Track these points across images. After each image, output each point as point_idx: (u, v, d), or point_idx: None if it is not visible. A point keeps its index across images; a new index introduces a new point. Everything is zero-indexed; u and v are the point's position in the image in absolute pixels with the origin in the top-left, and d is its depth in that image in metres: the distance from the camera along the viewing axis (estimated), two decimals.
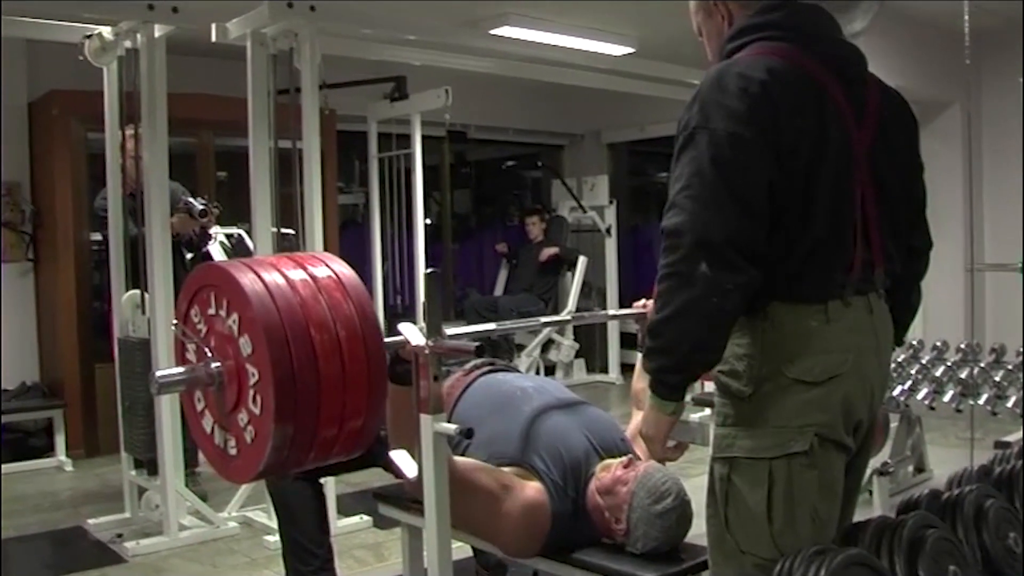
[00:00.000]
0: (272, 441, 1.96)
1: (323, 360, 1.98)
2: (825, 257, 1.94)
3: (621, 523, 2.60)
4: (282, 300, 1.98)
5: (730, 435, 2.00)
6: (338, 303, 2.06)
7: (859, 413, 2.02)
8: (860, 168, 1.99)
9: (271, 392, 1.93)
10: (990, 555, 1.94)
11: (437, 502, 2.25)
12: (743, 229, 1.84)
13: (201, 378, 2.11)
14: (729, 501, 2.00)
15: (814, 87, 1.95)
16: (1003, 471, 2.27)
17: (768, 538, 1.94)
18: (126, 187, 4.77)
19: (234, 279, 2.01)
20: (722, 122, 1.86)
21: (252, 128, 4.37)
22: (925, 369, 4.72)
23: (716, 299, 1.83)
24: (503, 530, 2.64)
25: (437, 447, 2.23)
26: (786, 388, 1.92)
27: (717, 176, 1.84)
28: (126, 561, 4.28)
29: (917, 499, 2.12)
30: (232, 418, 2.06)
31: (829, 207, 1.92)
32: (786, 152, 1.88)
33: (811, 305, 1.94)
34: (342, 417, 2.05)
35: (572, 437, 2.78)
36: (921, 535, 1.79)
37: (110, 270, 4.88)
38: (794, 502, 1.93)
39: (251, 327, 1.98)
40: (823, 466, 1.95)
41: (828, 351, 1.94)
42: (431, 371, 2.19)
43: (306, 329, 1.98)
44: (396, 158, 7.27)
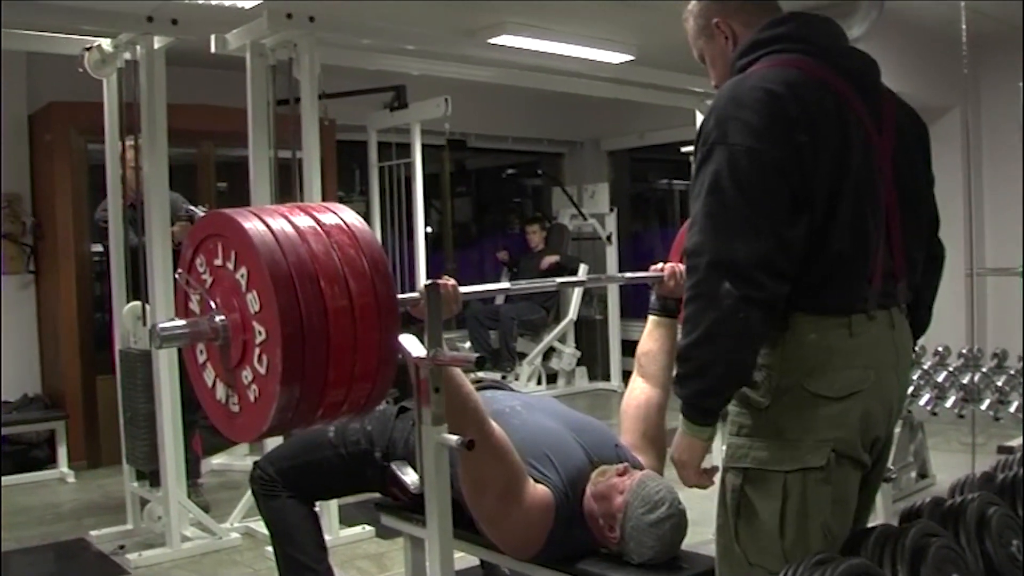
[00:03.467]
0: (277, 402, 1.90)
1: (333, 319, 1.92)
2: (848, 269, 1.92)
3: (615, 531, 2.59)
4: (293, 255, 1.91)
5: (745, 445, 1.98)
6: (351, 258, 1.99)
7: (877, 430, 2.01)
8: (884, 177, 1.97)
9: (278, 353, 1.87)
10: (993, 563, 1.94)
11: (439, 512, 2.25)
12: (763, 244, 1.81)
13: (205, 331, 2.05)
14: (741, 512, 1.99)
15: (833, 96, 1.92)
16: (1006, 478, 2.27)
17: (779, 552, 1.92)
18: (126, 198, 4.77)
19: (243, 229, 1.94)
20: (740, 136, 1.84)
21: (252, 138, 4.38)
22: (927, 375, 4.72)
23: (743, 315, 1.81)
24: (513, 513, 2.59)
25: (439, 458, 2.23)
26: (805, 401, 1.90)
27: (736, 192, 1.82)
28: (128, 573, 4.28)
29: (919, 507, 2.11)
30: (236, 374, 2.01)
31: (852, 218, 1.90)
32: (808, 164, 1.85)
33: (834, 318, 1.92)
34: (351, 381, 1.99)
35: (565, 444, 2.77)
36: (924, 543, 1.78)
37: (111, 281, 4.88)
38: (807, 517, 1.91)
39: (260, 283, 1.92)
40: (838, 482, 1.94)
41: (851, 367, 1.91)
42: (432, 383, 2.18)
43: (318, 288, 1.91)
44: (396, 167, 7.29)
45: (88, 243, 6.36)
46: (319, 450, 3.11)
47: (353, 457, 3.10)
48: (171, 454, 4.41)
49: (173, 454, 4.42)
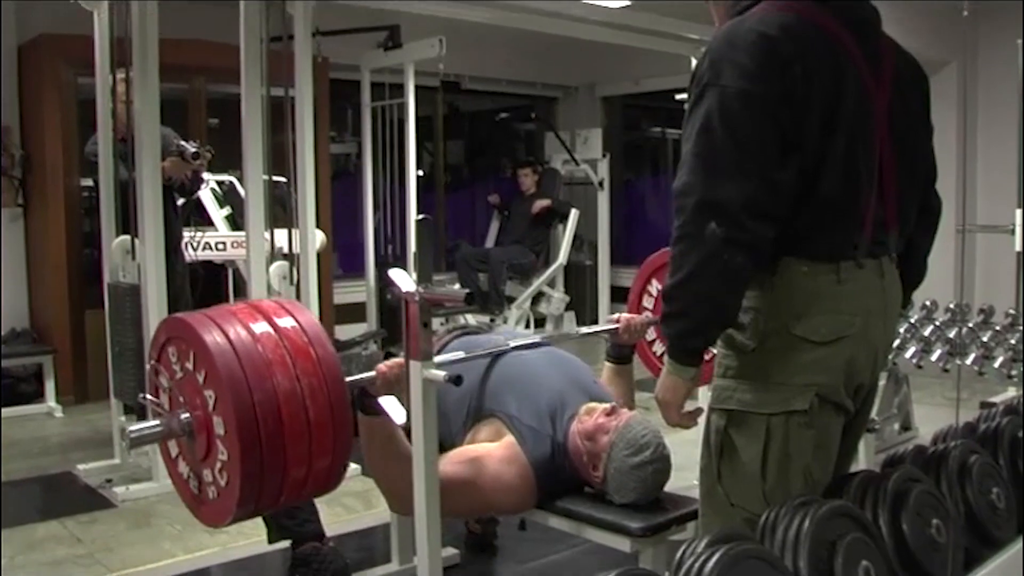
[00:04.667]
0: (241, 490, 1.98)
1: (286, 406, 1.99)
2: (839, 215, 1.91)
3: (599, 471, 2.62)
4: (243, 351, 1.99)
5: (730, 387, 1.99)
6: (299, 349, 2.07)
7: (861, 376, 2.02)
8: (879, 126, 1.97)
9: (236, 441, 1.95)
10: (973, 510, 1.96)
11: (425, 448, 2.26)
12: (751, 186, 1.81)
13: (174, 429, 2.12)
14: (723, 454, 2.00)
15: (829, 42, 1.91)
16: (988, 428, 2.29)
17: (759, 494, 1.94)
18: (117, 132, 4.73)
19: (199, 336, 2.01)
20: (732, 79, 1.82)
21: (244, 75, 4.34)
22: (914, 328, 4.75)
23: (727, 257, 1.80)
24: (490, 500, 2.66)
25: (426, 393, 2.24)
26: (791, 345, 1.91)
27: (725, 133, 1.81)
28: (115, 506, 4.31)
29: (902, 454, 2.13)
30: (203, 466, 2.08)
31: (843, 164, 1.89)
32: (800, 108, 1.84)
33: (823, 264, 1.92)
34: (309, 463, 2.07)
35: (546, 378, 2.80)
36: (905, 488, 1.80)
37: (100, 215, 4.86)
38: (789, 460, 1.93)
39: (215, 380, 1.99)
40: (821, 426, 1.95)
41: (837, 312, 1.92)
42: (421, 318, 2.19)
43: (268, 377, 1.99)
44: (389, 108, 7.24)
45: (78, 177, 6.33)
46: None
47: None
48: None
49: None
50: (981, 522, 1.96)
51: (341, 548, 3.37)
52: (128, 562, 3.68)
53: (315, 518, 3.22)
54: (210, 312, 2.11)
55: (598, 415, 2.66)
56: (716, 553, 1.45)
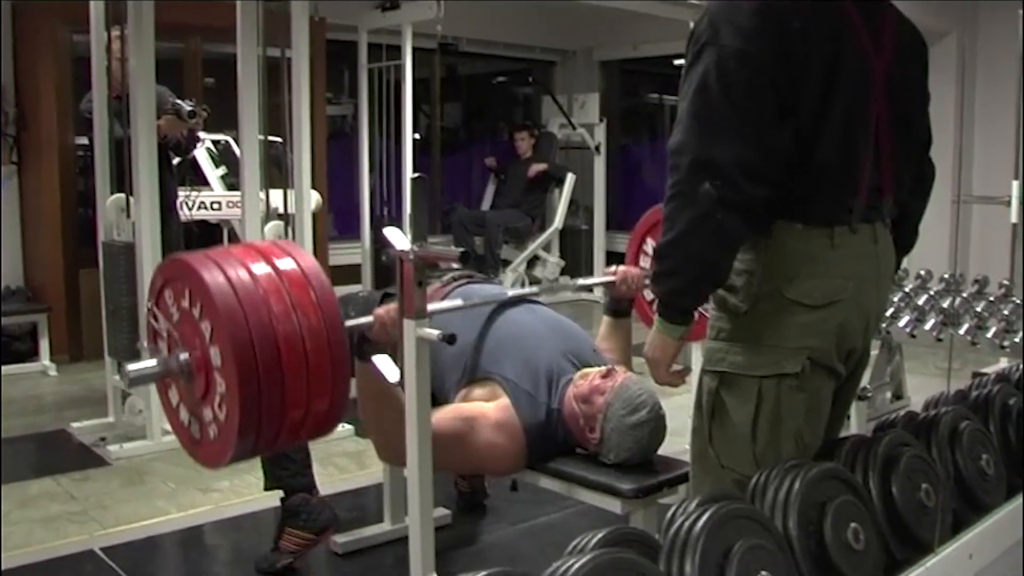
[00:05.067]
0: (239, 431, 1.97)
1: (285, 347, 1.98)
2: (834, 180, 1.92)
3: (595, 432, 2.63)
4: (242, 290, 1.97)
5: (723, 349, 1.99)
6: (299, 292, 2.05)
7: (853, 341, 2.03)
8: (878, 92, 1.96)
9: (235, 380, 1.94)
10: (963, 475, 1.97)
11: (418, 407, 2.27)
12: (746, 147, 1.81)
13: (171, 369, 2.10)
14: (715, 416, 2.01)
15: (829, 7, 1.91)
16: (979, 395, 2.30)
17: (750, 456, 1.95)
18: (112, 90, 4.71)
19: (196, 272, 2.00)
20: (730, 38, 1.82)
21: (240, 35, 4.31)
22: (908, 297, 4.74)
23: (720, 216, 1.80)
24: (481, 460, 2.68)
25: (420, 352, 2.24)
26: (784, 308, 1.92)
27: (721, 93, 1.81)
28: (109, 464, 4.32)
29: (893, 420, 2.15)
30: (202, 406, 2.08)
31: (841, 129, 1.89)
32: (798, 71, 1.84)
33: (817, 228, 1.92)
34: (308, 403, 2.05)
35: (544, 343, 2.81)
36: (896, 453, 1.81)
37: (95, 173, 4.84)
38: (780, 423, 1.93)
39: (213, 314, 1.98)
40: (812, 390, 1.96)
41: (830, 276, 1.93)
42: (415, 276, 2.19)
43: (268, 318, 1.98)
44: (386, 69, 7.21)
45: (72, 135, 6.28)
46: None
47: None
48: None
49: None
50: (970, 487, 1.98)
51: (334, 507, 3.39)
52: (122, 519, 3.70)
53: (308, 472, 3.24)
54: (207, 252, 2.11)
55: (593, 377, 2.68)
56: (706, 512, 1.46)
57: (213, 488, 4.02)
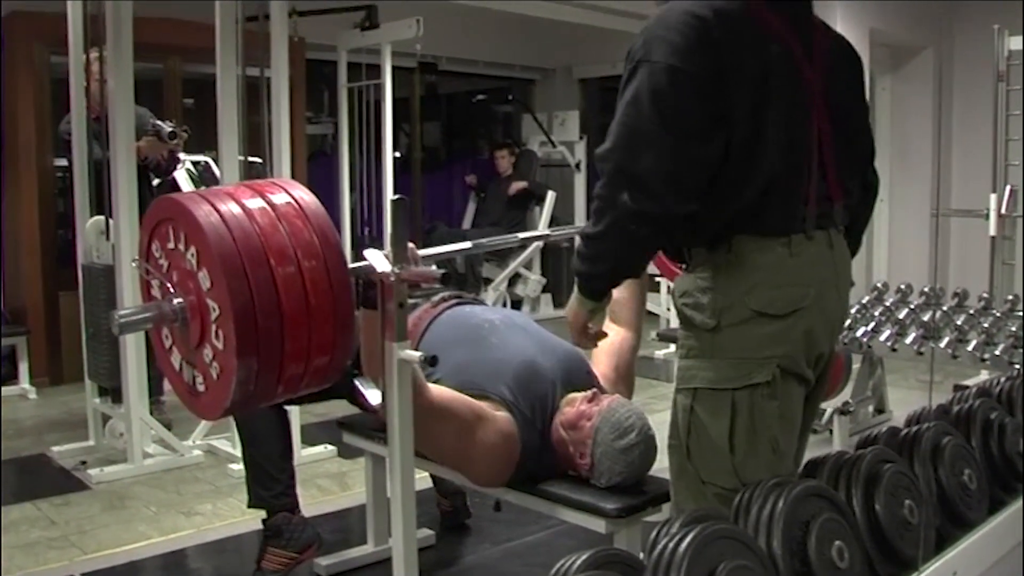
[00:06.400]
0: (237, 376, 1.94)
1: (284, 291, 1.96)
2: (783, 191, 1.97)
3: (585, 458, 2.62)
4: (239, 231, 1.95)
5: (693, 367, 2.02)
6: (299, 231, 2.03)
7: (820, 346, 2.06)
8: (815, 106, 2.02)
9: (231, 326, 1.91)
10: (945, 491, 1.98)
11: (401, 430, 2.26)
12: (670, 161, 1.86)
13: (165, 315, 2.08)
14: (691, 432, 2.03)
15: (759, 26, 1.97)
16: (960, 410, 2.30)
17: (729, 468, 1.97)
18: (91, 111, 4.69)
19: (189, 211, 1.97)
20: (662, 55, 1.88)
21: (220, 55, 4.30)
22: (888, 311, 4.77)
23: (634, 227, 1.89)
24: (475, 459, 2.66)
25: (402, 374, 2.23)
26: (749, 320, 1.95)
27: (651, 107, 1.87)
28: (90, 488, 4.29)
29: (875, 435, 2.15)
30: (198, 354, 2.04)
31: (783, 142, 1.94)
32: (731, 86, 1.90)
33: (774, 238, 1.97)
34: (308, 352, 2.03)
35: (539, 369, 2.80)
36: (878, 469, 1.82)
37: (74, 196, 4.82)
38: (756, 432, 1.96)
39: (208, 260, 1.95)
40: (784, 397, 1.99)
41: (791, 284, 1.97)
42: (396, 298, 2.18)
43: (265, 260, 1.95)
44: (366, 88, 7.20)
45: (51, 157, 6.26)
46: None
47: None
48: (134, 371, 4.40)
49: (136, 370, 4.41)
50: (953, 503, 1.98)
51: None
52: (103, 544, 3.67)
53: (292, 492, 3.23)
54: (202, 191, 2.09)
55: (579, 403, 2.68)
56: (690, 533, 1.46)
57: (195, 511, 4.00)
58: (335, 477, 4.39)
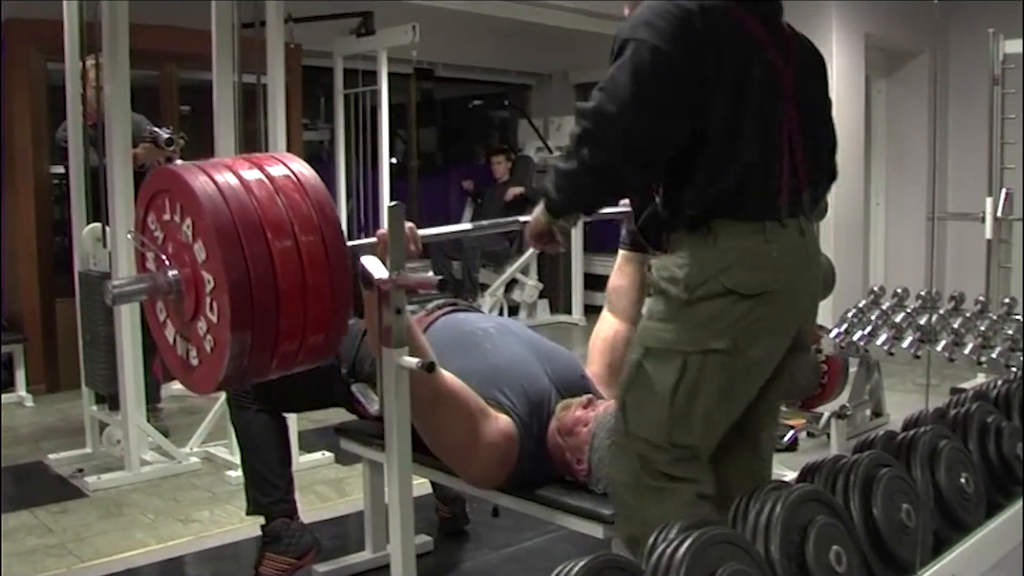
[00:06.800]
0: (231, 349, 1.94)
1: (281, 265, 1.96)
2: (759, 179, 2.09)
3: (583, 464, 2.62)
4: (235, 202, 1.95)
5: (654, 328, 2.14)
6: (296, 204, 2.03)
7: (785, 334, 2.17)
8: (788, 103, 2.16)
9: (226, 298, 1.91)
10: (943, 494, 1.98)
11: (398, 437, 2.26)
12: (635, 133, 2.01)
13: (159, 287, 2.07)
14: (633, 385, 2.15)
15: (738, 22, 2.11)
16: (957, 414, 2.31)
17: (662, 422, 2.09)
18: (87, 118, 4.69)
19: (185, 182, 1.97)
20: (648, 36, 2.03)
21: (216, 62, 4.30)
22: (885, 315, 4.78)
23: (588, 180, 2.08)
24: (475, 454, 2.64)
25: (399, 381, 2.23)
26: (718, 295, 2.06)
27: (630, 80, 2.00)
28: (87, 496, 4.28)
29: (873, 439, 2.15)
30: (192, 327, 2.04)
31: (759, 133, 2.08)
32: (709, 77, 2.03)
33: (750, 224, 2.08)
34: (303, 328, 2.03)
35: (534, 375, 2.79)
36: (875, 473, 1.82)
37: (71, 203, 4.82)
38: (696, 397, 2.07)
39: (204, 232, 1.95)
40: (734, 374, 2.09)
41: (763, 268, 2.08)
42: (394, 304, 2.18)
43: (262, 232, 1.95)
44: (362, 95, 7.22)
45: (48, 164, 6.26)
46: None
47: (320, 371, 3.10)
48: (131, 378, 4.39)
49: (133, 378, 4.40)
50: (951, 506, 1.98)
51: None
52: (100, 552, 3.66)
53: (290, 498, 3.23)
54: (199, 163, 2.09)
55: (575, 409, 2.67)
56: (688, 538, 1.46)
57: (193, 518, 3.99)
58: (333, 483, 4.39)
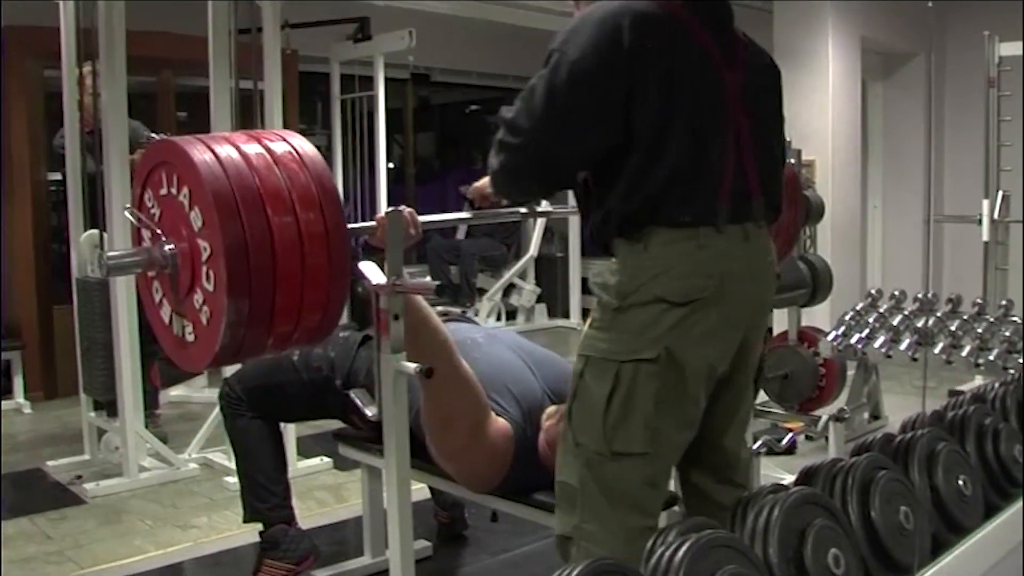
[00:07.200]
0: (227, 317, 1.93)
1: (279, 235, 1.96)
2: (689, 185, 2.05)
3: None
4: (233, 170, 1.95)
5: (592, 336, 2.13)
6: (295, 176, 2.03)
7: (728, 336, 2.14)
8: (734, 107, 2.12)
9: (222, 263, 1.90)
10: (941, 497, 1.98)
11: (397, 442, 2.26)
12: (546, 146, 2.05)
13: (155, 259, 2.07)
14: (576, 395, 2.14)
15: (679, 32, 2.08)
16: (955, 416, 2.31)
17: (601, 431, 2.07)
18: (84, 125, 4.70)
19: (184, 151, 1.96)
20: (572, 50, 2.01)
21: (213, 68, 4.31)
22: (883, 318, 4.78)
23: (501, 182, 2.16)
24: (475, 452, 2.63)
25: (397, 386, 2.23)
26: (648, 303, 2.04)
27: (545, 94, 2.02)
28: (86, 503, 4.28)
29: (870, 442, 2.15)
30: (188, 302, 2.03)
31: (690, 137, 2.04)
32: (637, 89, 2.01)
33: (684, 230, 2.05)
34: (300, 305, 2.02)
35: (525, 380, 2.80)
36: (873, 476, 1.82)
37: (68, 209, 4.82)
38: (631, 405, 2.05)
39: (200, 198, 1.95)
40: (668, 381, 2.06)
41: (693, 275, 2.05)
42: (391, 309, 2.18)
43: (260, 201, 1.95)
44: (359, 100, 7.23)
45: (45, 171, 6.27)
46: (283, 373, 3.16)
47: (315, 383, 3.14)
48: (129, 384, 4.39)
49: (131, 384, 4.40)
50: (949, 509, 1.98)
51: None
52: (99, 558, 3.66)
53: (287, 504, 3.23)
54: (198, 136, 2.08)
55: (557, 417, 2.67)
56: (686, 542, 1.46)
57: (191, 525, 3.99)
58: (331, 489, 4.39)
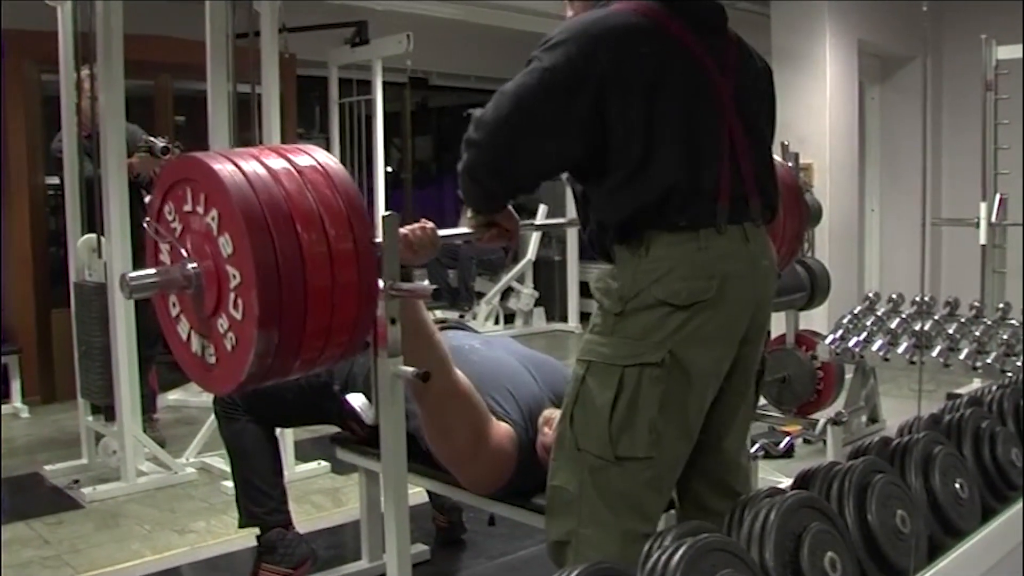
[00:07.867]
0: (255, 347, 1.87)
1: (310, 260, 1.90)
2: (687, 189, 2.04)
3: None
4: (265, 195, 1.87)
5: (594, 342, 2.11)
6: (325, 196, 1.97)
7: (730, 337, 2.13)
8: (727, 111, 2.12)
9: (254, 295, 1.83)
10: (938, 500, 1.98)
11: (394, 446, 2.26)
12: (505, 148, 2.07)
13: (176, 280, 2.00)
14: (578, 400, 2.12)
15: (667, 40, 2.07)
16: (952, 419, 2.31)
17: (605, 437, 2.05)
18: (82, 129, 4.70)
19: (213, 171, 1.89)
20: (548, 58, 2.02)
21: (211, 72, 4.31)
22: (880, 321, 4.79)
23: (467, 184, 2.19)
24: (480, 455, 2.63)
25: (394, 390, 2.23)
26: (651, 307, 2.03)
27: (512, 95, 2.04)
28: (83, 507, 4.27)
29: (867, 445, 2.15)
30: (211, 324, 1.96)
31: (682, 143, 2.03)
32: (615, 101, 2.00)
33: (684, 233, 2.05)
34: (329, 327, 1.96)
35: (525, 383, 2.81)
36: (870, 480, 1.82)
37: (66, 213, 4.82)
38: (636, 410, 2.03)
39: (232, 224, 1.87)
40: (673, 385, 2.04)
41: (695, 277, 2.04)
42: (388, 313, 2.18)
43: (292, 227, 1.88)
44: (357, 104, 7.22)
45: (43, 175, 6.26)
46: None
47: (312, 388, 3.13)
48: (126, 388, 4.39)
49: (128, 388, 4.40)
50: (945, 512, 1.98)
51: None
52: (96, 563, 3.66)
53: (284, 508, 3.23)
54: (223, 151, 2.05)
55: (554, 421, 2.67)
56: (683, 546, 1.46)
57: (189, 529, 3.99)
58: (329, 493, 4.38)
